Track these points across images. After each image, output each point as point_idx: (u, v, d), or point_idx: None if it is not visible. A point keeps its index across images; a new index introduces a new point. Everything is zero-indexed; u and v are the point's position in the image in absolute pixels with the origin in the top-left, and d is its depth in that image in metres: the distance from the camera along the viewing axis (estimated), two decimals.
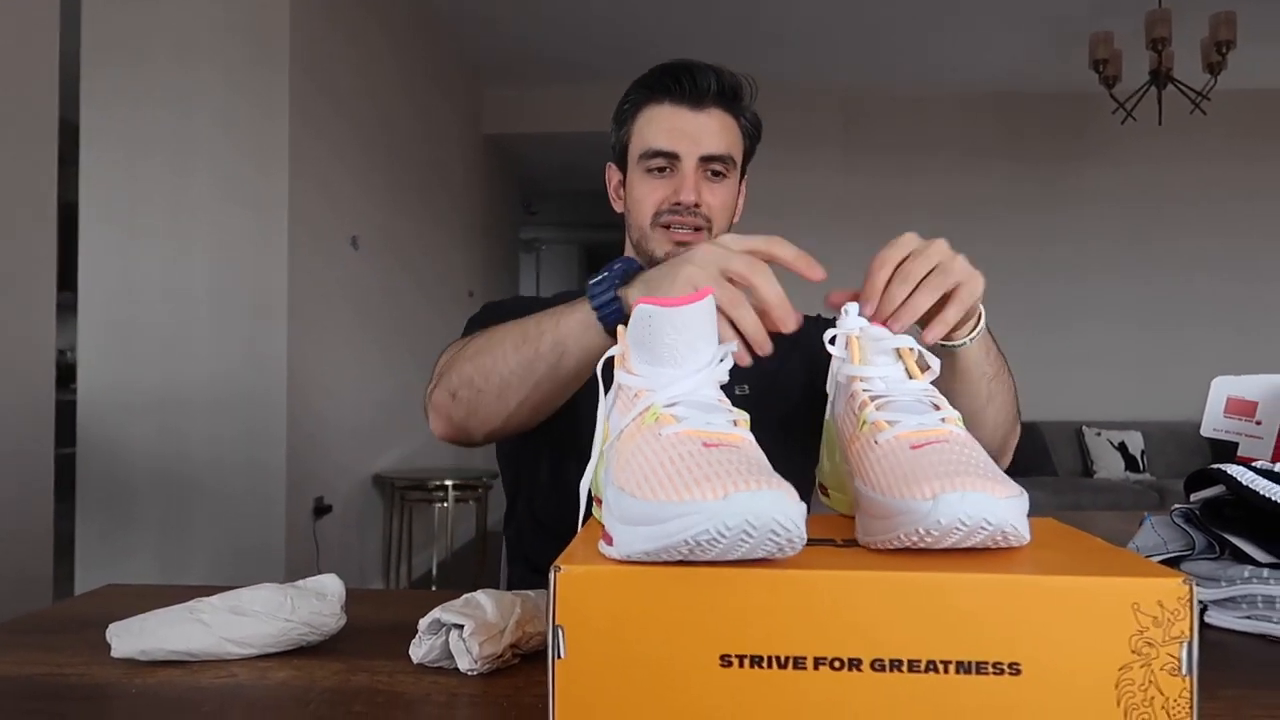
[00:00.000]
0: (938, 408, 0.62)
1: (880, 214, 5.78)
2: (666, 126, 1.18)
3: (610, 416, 0.61)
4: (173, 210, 3.21)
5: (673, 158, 1.17)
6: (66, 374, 3.59)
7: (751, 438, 0.55)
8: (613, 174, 1.30)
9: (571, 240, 10.45)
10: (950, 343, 0.87)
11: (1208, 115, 4.76)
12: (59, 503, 2.19)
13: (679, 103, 1.18)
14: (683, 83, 1.17)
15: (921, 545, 0.52)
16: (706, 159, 1.17)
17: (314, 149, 3.43)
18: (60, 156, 2.20)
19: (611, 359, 0.63)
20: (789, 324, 0.75)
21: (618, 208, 1.29)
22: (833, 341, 0.70)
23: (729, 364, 0.59)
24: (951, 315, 0.77)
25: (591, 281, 0.89)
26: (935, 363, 0.67)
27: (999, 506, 0.50)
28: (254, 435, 3.21)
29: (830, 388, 0.72)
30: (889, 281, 0.74)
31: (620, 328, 0.63)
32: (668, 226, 1.18)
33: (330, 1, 3.60)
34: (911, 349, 0.67)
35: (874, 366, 0.66)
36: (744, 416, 0.57)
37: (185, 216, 3.21)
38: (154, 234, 3.21)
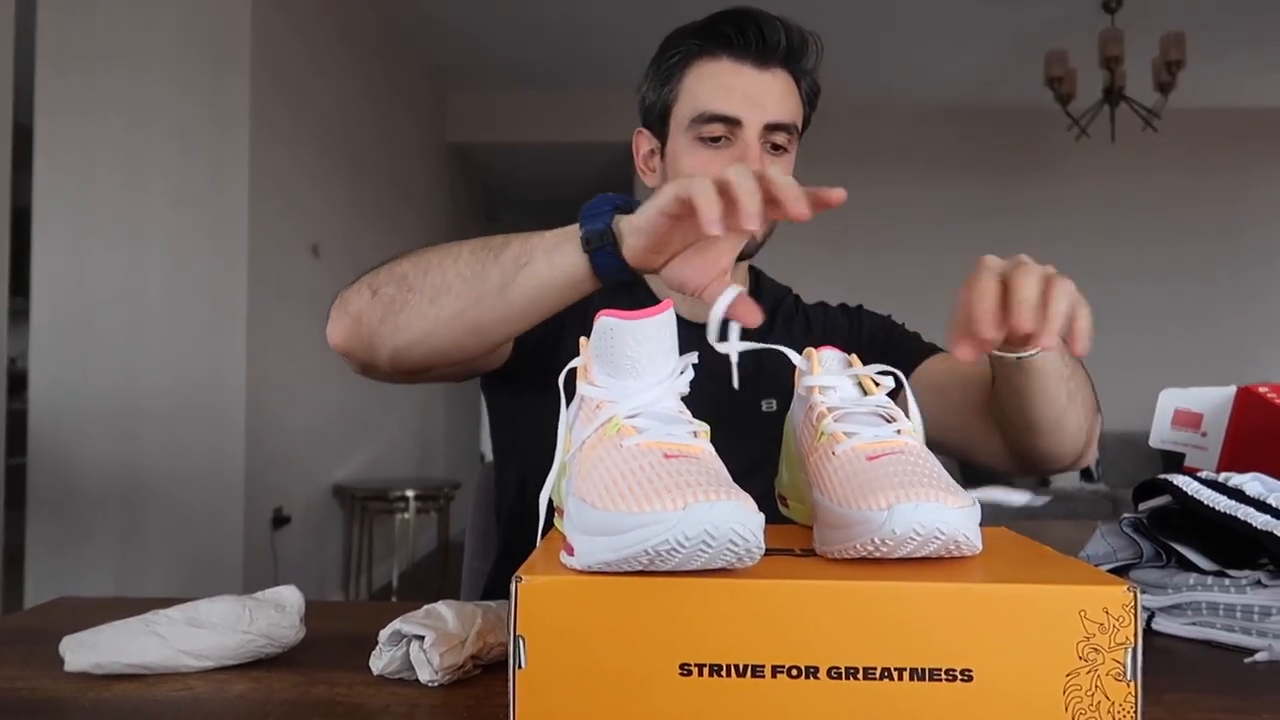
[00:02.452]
0: (892, 420, 0.63)
1: (839, 222, 5.84)
2: (727, 85, 1.01)
3: (573, 428, 0.61)
4: (129, 216, 3.16)
5: (734, 124, 1.01)
6: (17, 382, 3.51)
7: (711, 449, 0.55)
8: (643, 141, 1.12)
9: None
10: (1026, 353, 0.80)
11: (1159, 132, 4.88)
12: (9, 513, 2.15)
13: (741, 59, 1.02)
14: (748, 35, 1.01)
15: (877, 555, 0.53)
16: (771, 127, 1.02)
17: (274, 157, 3.39)
18: (14, 160, 2.16)
19: (573, 371, 0.63)
20: (798, 209, 0.64)
21: (649, 181, 1.12)
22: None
23: (689, 376, 0.60)
24: (1084, 323, 0.67)
25: (586, 206, 0.77)
26: (887, 380, 0.67)
27: (951, 516, 0.52)
28: (211, 445, 3.16)
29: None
30: (1018, 306, 0.66)
31: (583, 340, 0.63)
32: None
33: (292, 9, 3.57)
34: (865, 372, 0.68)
35: (833, 388, 0.67)
36: (704, 428, 0.57)
37: (142, 223, 3.16)
38: (110, 240, 3.16)
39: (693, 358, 0.61)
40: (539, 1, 4.56)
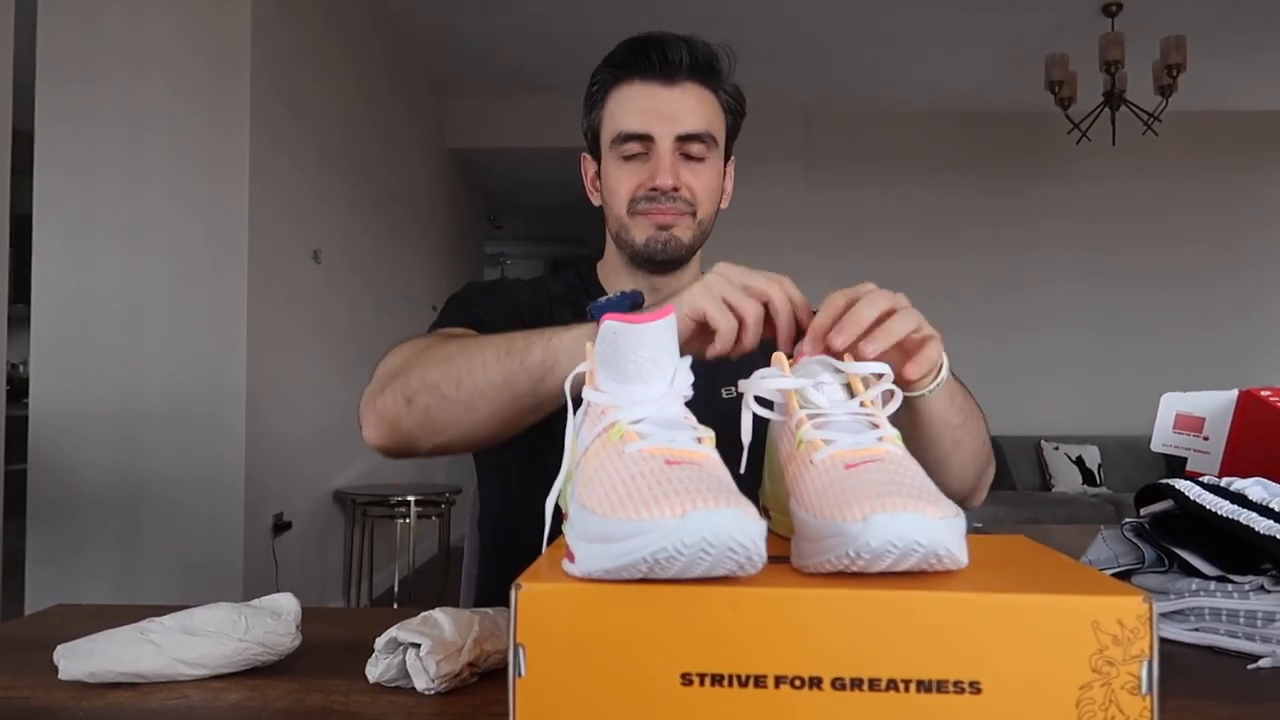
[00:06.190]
0: (876, 426, 0.60)
1: (839, 228, 5.84)
2: (638, 106, 1.09)
3: (579, 434, 0.60)
4: (129, 222, 3.15)
5: (646, 139, 1.09)
6: (19, 388, 3.51)
7: (716, 455, 0.54)
8: (588, 165, 1.21)
9: (537, 254, 10.44)
10: (911, 393, 0.83)
11: (1159, 136, 4.88)
12: (9, 520, 2.14)
13: (649, 79, 1.09)
14: (652, 57, 1.09)
15: (853, 569, 0.50)
16: (684, 138, 1.09)
17: (275, 162, 3.39)
18: (14, 166, 2.15)
19: (581, 376, 0.62)
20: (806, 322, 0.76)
21: (595, 200, 1.20)
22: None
23: (691, 378, 0.59)
24: (931, 351, 0.77)
25: (597, 302, 0.87)
26: (884, 368, 0.64)
27: (931, 528, 0.49)
28: (211, 451, 3.15)
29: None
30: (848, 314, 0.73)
31: (589, 344, 0.62)
32: (647, 213, 1.11)
33: (291, 16, 3.57)
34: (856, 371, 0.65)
35: (818, 390, 0.64)
36: (709, 434, 0.56)
37: (142, 229, 3.16)
38: (110, 246, 3.15)
39: (687, 360, 0.60)
40: (537, 8, 4.57)
